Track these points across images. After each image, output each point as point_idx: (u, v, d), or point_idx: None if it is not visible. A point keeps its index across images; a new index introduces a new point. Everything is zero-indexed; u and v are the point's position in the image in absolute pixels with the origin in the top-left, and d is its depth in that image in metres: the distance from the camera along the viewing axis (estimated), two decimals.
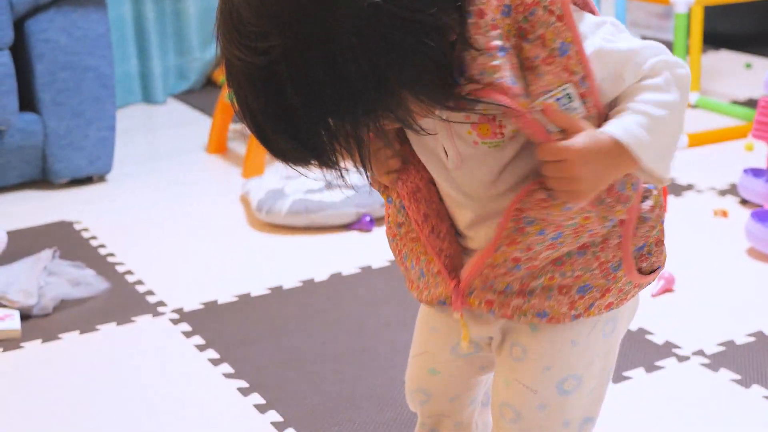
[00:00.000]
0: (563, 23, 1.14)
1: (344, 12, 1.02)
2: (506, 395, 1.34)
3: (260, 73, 1.05)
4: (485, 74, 1.12)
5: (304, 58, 1.03)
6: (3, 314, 2.31)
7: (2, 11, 2.98)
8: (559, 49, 1.14)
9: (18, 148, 3.13)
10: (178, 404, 2.01)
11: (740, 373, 2.03)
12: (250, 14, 1.04)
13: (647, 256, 1.30)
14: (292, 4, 1.03)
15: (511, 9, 1.13)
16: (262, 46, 1.04)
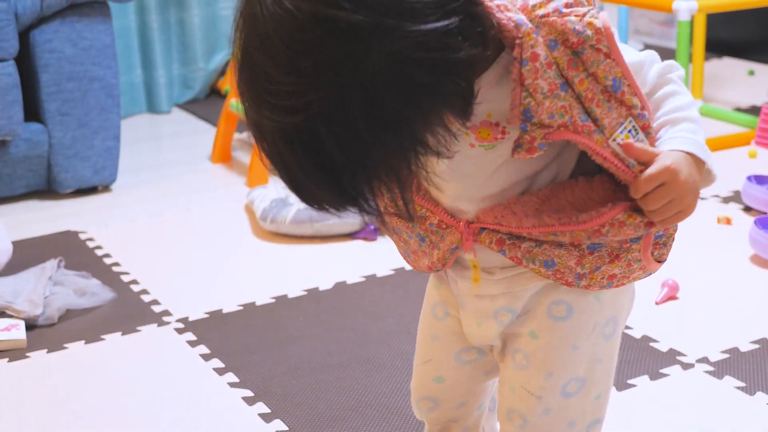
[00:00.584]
0: (612, 59, 1.15)
1: (377, 58, 1.00)
2: (512, 401, 1.36)
3: (296, 130, 1.03)
4: (555, 117, 1.14)
5: (342, 111, 1.01)
6: (9, 324, 2.31)
7: (8, 22, 2.99)
8: (612, 86, 1.15)
9: (23, 158, 3.14)
10: (183, 413, 2.02)
11: (745, 381, 2.03)
12: (279, 73, 1.02)
13: (662, 246, 1.30)
14: (323, 58, 1.00)
15: (558, 43, 1.13)
16: (297, 104, 1.02)
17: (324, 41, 1.00)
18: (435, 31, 1.01)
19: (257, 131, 1.07)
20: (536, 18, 1.13)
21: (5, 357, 2.25)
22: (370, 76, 1.00)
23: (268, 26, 1.02)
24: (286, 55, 1.01)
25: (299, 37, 1.00)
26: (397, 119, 1.03)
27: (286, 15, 1.01)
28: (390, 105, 1.02)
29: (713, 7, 3.39)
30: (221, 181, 3.38)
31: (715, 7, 3.41)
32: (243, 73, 1.06)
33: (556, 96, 1.13)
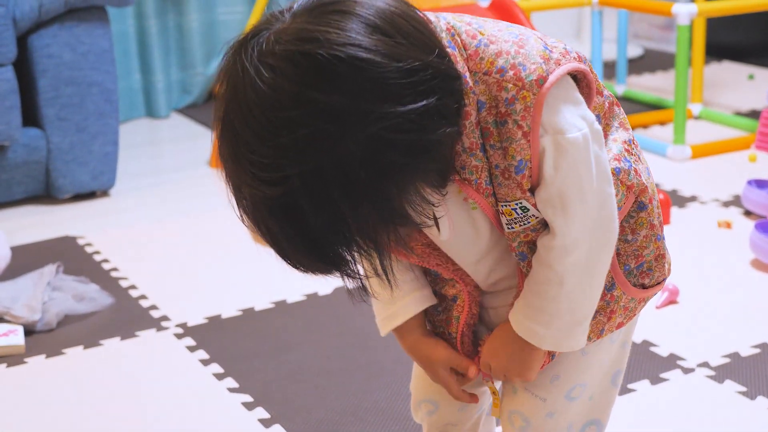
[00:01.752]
0: (527, 140, 1.15)
1: (353, 139, 1.03)
2: (515, 403, 1.36)
3: (276, 201, 1.06)
4: (466, 170, 1.16)
5: (320, 185, 1.04)
6: (7, 330, 2.31)
7: (6, 27, 2.99)
8: (516, 166, 1.16)
9: (22, 163, 3.13)
10: (182, 419, 2.01)
11: (746, 385, 2.02)
12: (260, 146, 1.05)
13: (648, 273, 1.31)
14: (303, 135, 1.03)
15: (484, 105, 1.14)
16: (276, 177, 1.04)
17: (303, 120, 1.03)
18: (411, 113, 1.04)
19: (238, 195, 1.10)
20: (480, 73, 1.14)
21: (3, 362, 2.24)
22: (347, 155, 1.03)
23: (250, 99, 1.05)
24: (267, 130, 1.04)
25: (280, 114, 1.03)
26: (374, 195, 1.06)
27: (268, 91, 1.04)
28: (367, 182, 1.05)
29: (713, 11, 3.39)
30: (220, 185, 3.36)
31: (715, 11, 3.41)
32: (225, 139, 1.09)
33: (474, 155, 1.16)
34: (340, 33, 1.04)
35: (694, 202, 3.01)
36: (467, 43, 1.15)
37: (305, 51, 1.03)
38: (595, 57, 3.90)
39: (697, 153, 3.41)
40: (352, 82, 1.03)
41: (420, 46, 1.07)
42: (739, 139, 3.49)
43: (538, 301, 1.23)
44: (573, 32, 5.22)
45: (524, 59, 1.14)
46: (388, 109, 1.03)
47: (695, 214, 2.93)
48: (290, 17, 1.08)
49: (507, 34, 1.17)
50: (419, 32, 1.09)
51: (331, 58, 1.03)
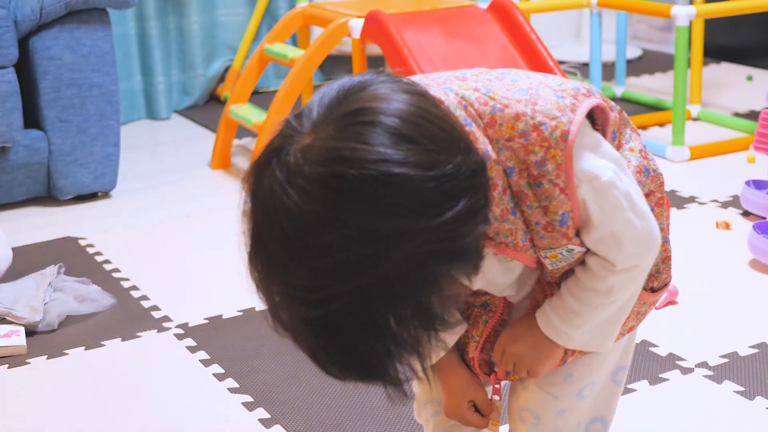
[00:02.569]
0: (565, 195, 1.16)
1: (393, 258, 1.01)
2: (526, 400, 1.37)
3: (318, 321, 1.04)
4: (500, 236, 1.18)
5: (361, 303, 1.02)
6: (8, 330, 2.31)
7: (7, 29, 3.00)
8: (560, 221, 1.18)
9: (23, 164, 3.14)
10: (183, 419, 2.01)
11: (744, 385, 2.03)
12: (298, 269, 1.03)
13: (656, 276, 1.34)
14: (342, 258, 1.01)
15: (513, 170, 1.15)
16: (316, 299, 1.03)
17: (341, 244, 1.00)
18: (447, 222, 1.02)
19: (275, 315, 1.08)
20: (502, 140, 1.15)
21: (5, 363, 2.25)
22: (388, 273, 1.01)
23: (284, 223, 1.02)
24: (304, 254, 1.02)
25: (316, 238, 1.01)
26: (414, 306, 1.05)
27: (302, 216, 1.01)
28: (408, 293, 1.04)
29: (711, 12, 3.40)
30: (221, 187, 3.38)
31: (714, 12, 3.42)
32: (259, 260, 1.08)
33: (506, 220, 1.17)
34: (368, 149, 1.00)
35: (692, 203, 3.02)
36: (482, 111, 1.16)
37: (335, 173, 1.00)
38: (594, 58, 3.91)
39: (695, 154, 3.42)
40: (386, 200, 1.00)
41: (448, 147, 1.04)
42: (738, 140, 3.50)
43: (578, 306, 1.25)
44: (572, 34, 5.22)
45: (542, 117, 1.15)
46: (424, 224, 1.01)
47: (694, 214, 2.94)
48: (310, 128, 1.04)
49: (516, 92, 1.17)
50: (442, 130, 1.06)
51: (363, 178, 0.99)
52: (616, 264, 1.22)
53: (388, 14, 3.08)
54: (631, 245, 1.21)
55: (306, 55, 3.25)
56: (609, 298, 1.24)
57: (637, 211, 1.21)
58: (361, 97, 1.05)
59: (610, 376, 1.39)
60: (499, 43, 3.08)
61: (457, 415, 1.40)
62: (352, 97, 1.06)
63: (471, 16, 3.15)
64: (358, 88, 1.07)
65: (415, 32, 3.03)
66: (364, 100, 1.05)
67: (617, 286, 1.23)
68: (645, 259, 1.24)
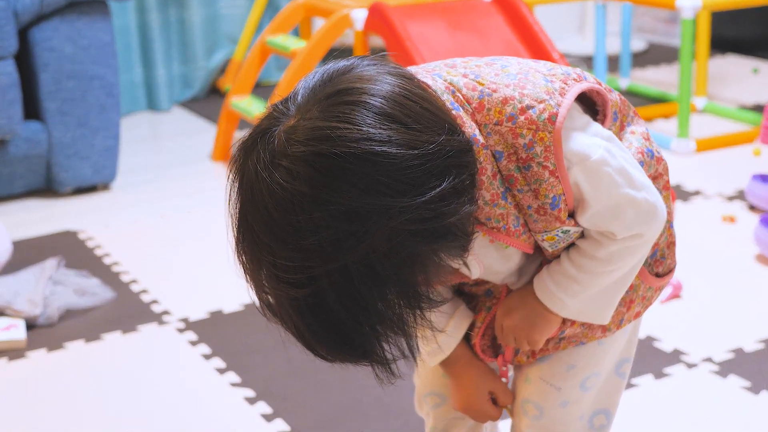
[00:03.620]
0: (556, 178, 1.16)
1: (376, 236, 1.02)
2: (529, 392, 1.36)
3: (302, 300, 1.06)
4: (491, 220, 1.18)
5: (347, 281, 1.04)
6: (8, 324, 2.30)
7: (7, 20, 2.98)
8: (551, 203, 1.17)
9: (23, 157, 3.12)
10: (184, 413, 2.00)
11: (749, 380, 2.01)
12: (284, 250, 1.04)
13: (661, 261, 1.33)
14: (326, 236, 1.02)
15: (502, 155, 1.15)
16: (303, 278, 1.04)
17: (324, 222, 1.02)
18: (430, 201, 1.03)
19: (263, 298, 1.10)
20: (490, 124, 1.15)
21: (5, 357, 2.23)
22: (371, 251, 1.03)
23: (269, 203, 1.03)
24: (289, 233, 1.03)
25: (300, 217, 1.02)
26: (400, 284, 1.06)
27: (287, 195, 1.02)
28: (392, 273, 1.05)
29: (717, 4, 3.37)
30: (222, 179, 3.36)
31: (719, 4, 3.39)
32: (245, 241, 1.08)
33: (496, 205, 1.17)
34: (351, 128, 1.02)
35: (698, 197, 3.00)
36: (469, 96, 1.16)
37: (319, 151, 1.02)
38: (599, 51, 3.89)
39: (701, 147, 3.40)
40: (369, 178, 1.01)
41: (432, 126, 1.06)
42: (744, 133, 3.48)
43: (575, 272, 1.24)
44: (576, 26, 5.20)
45: (531, 101, 1.15)
46: (407, 202, 1.02)
47: (699, 208, 2.92)
48: (295, 110, 1.06)
49: (505, 77, 1.17)
50: (428, 111, 1.07)
51: (347, 156, 1.01)
52: (616, 234, 1.21)
53: (392, 6, 3.06)
54: (631, 216, 1.20)
55: (308, 47, 3.23)
56: (608, 266, 1.23)
57: (636, 185, 1.20)
58: (346, 79, 1.07)
59: (613, 368, 1.39)
60: (502, 36, 3.06)
61: (475, 410, 1.39)
62: (337, 79, 1.07)
63: (475, 9, 3.13)
64: (343, 70, 1.09)
65: (419, 24, 3.02)
66: (349, 81, 1.06)
67: (617, 255, 1.22)
68: (649, 228, 1.22)
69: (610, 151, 1.19)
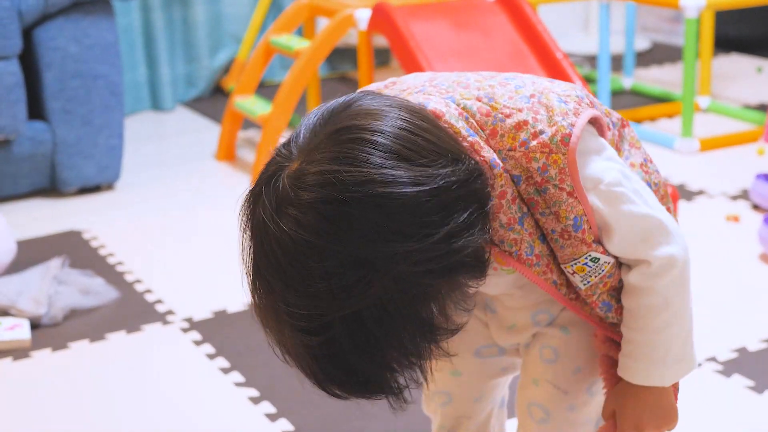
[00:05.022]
0: (575, 198, 1.15)
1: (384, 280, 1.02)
2: (535, 395, 1.36)
3: (319, 347, 1.05)
4: (504, 244, 1.17)
5: (361, 325, 1.03)
6: (13, 324, 2.30)
7: (11, 20, 2.98)
8: (573, 225, 1.16)
9: (27, 156, 3.13)
10: (188, 413, 2.00)
11: (754, 379, 2.01)
12: (295, 297, 1.04)
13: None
14: (336, 283, 1.02)
15: (521, 179, 1.15)
16: (315, 325, 1.04)
17: (333, 270, 1.02)
18: (438, 241, 1.02)
19: (280, 344, 1.10)
20: (504, 150, 1.14)
21: (9, 356, 2.24)
22: (382, 293, 1.02)
23: (278, 253, 1.03)
24: (299, 282, 1.03)
25: (308, 266, 1.02)
26: (414, 321, 1.05)
27: (293, 245, 1.02)
28: (405, 311, 1.04)
29: (721, 4, 3.37)
30: (226, 179, 3.37)
31: (723, 4, 3.39)
32: (260, 291, 1.08)
33: (512, 229, 1.16)
34: (353, 170, 1.01)
35: (701, 196, 3.00)
36: (483, 123, 1.15)
37: (324, 198, 1.01)
38: (602, 50, 3.89)
39: (705, 146, 3.39)
40: (375, 225, 1.01)
41: (436, 159, 1.05)
42: (748, 132, 3.48)
43: (644, 337, 1.23)
44: (580, 25, 5.20)
45: (543, 125, 1.14)
46: (415, 245, 1.01)
47: (703, 207, 2.92)
48: (298, 152, 1.05)
49: (519, 101, 1.16)
50: (431, 143, 1.06)
51: (351, 203, 1.01)
52: (650, 261, 1.20)
53: (396, 6, 3.06)
54: (656, 234, 1.20)
55: (312, 47, 3.23)
56: (668, 310, 1.22)
57: (652, 204, 1.20)
58: (346, 115, 1.06)
59: None
60: (506, 35, 3.06)
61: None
62: (337, 117, 1.07)
63: (479, 8, 3.13)
64: (342, 107, 1.08)
65: (423, 24, 3.02)
66: (350, 117, 1.06)
67: (669, 292, 1.21)
68: (679, 247, 1.21)
69: (624, 173, 1.19)
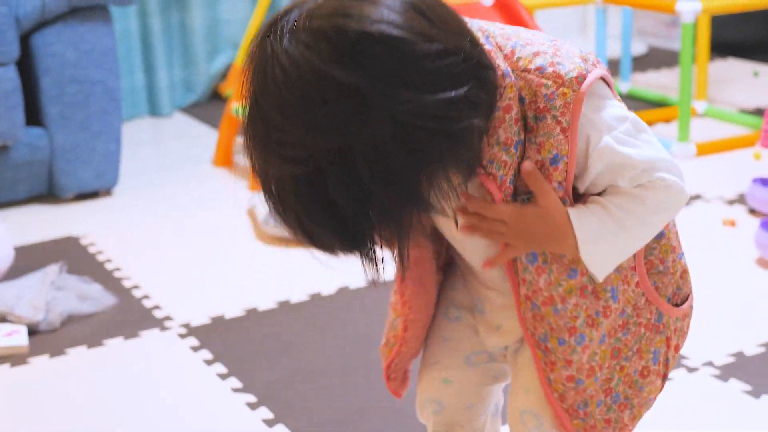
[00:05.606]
0: (565, 137, 1.15)
1: (379, 119, 1.03)
2: (527, 402, 1.35)
3: (302, 178, 1.06)
4: (494, 165, 1.16)
5: (347, 163, 1.04)
6: (10, 330, 2.30)
7: (9, 26, 2.98)
8: (551, 159, 1.16)
9: (25, 162, 3.13)
10: (186, 419, 2.00)
11: (751, 384, 2.01)
12: (287, 123, 1.04)
13: (678, 292, 1.33)
14: (330, 112, 1.03)
15: (525, 101, 1.15)
16: (304, 155, 1.04)
17: (328, 96, 1.02)
18: (440, 101, 1.03)
19: (264, 178, 1.10)
20: (518, 70, 1.15)
21: (7, 362, 2.24)
22: (374, 134, 1.03)
23: (278, 77, 1.04)
24: (294, 107, 1.04)
25: (305, 90, 1.03)
26: (400, 177, 1.06)
27: (295, 68, 1.03)
28: (393, 164, 1.04)
29: (717, 8, 3.38)
30: (223, 185, 3.37)
31: (719, 8, 3.39)
32: (252, 121, 1.08)
33: (506, 150, 1.15)
34: (374, 9, 1.03)
35: (698, 200, 3.00)
36: (502, 44, 1.16)
37: (338, 26, 1.03)
38: (599, 54, 3.89)
39: (701, 151, 3.40)
40: (382, 63, 1.02)
41: (454, 32, 1.07)
42: (744, 136, 3.48)
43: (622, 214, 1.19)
44: (577, 29, 5.20)
45: (562, 59, 1.15)
46: (416, 96, 1.03)
47: (700, 212, 2.92)
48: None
49: (541, 38, 1.18)
50: (453, 20, 1.09)
51: (364, 35, 1.02)
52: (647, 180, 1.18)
53: None
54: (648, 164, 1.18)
55: None
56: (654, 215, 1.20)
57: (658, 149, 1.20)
58: None
59: None
60: None
61: None
62: None
63: (476, 12, 3.13)
64: None
65: None
66: None
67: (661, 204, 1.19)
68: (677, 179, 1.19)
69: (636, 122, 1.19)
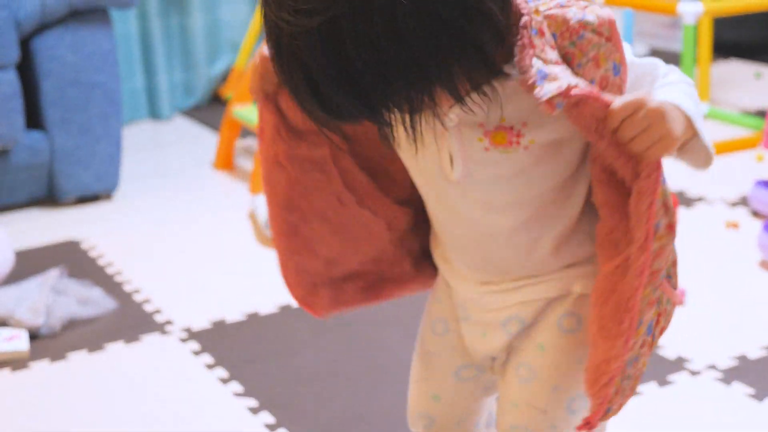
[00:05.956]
0: (612, 44, 1.13)
1: None
2: (515, 417, 1.33)
3: (318, 34, 1.03)
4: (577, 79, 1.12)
5: (369, 19, 1.02)
6: (11, 334, 2.30)
7: (9, 29, 2.98)
8: (613, 69, 1.14)
9: (25, 166, 3.12)
10: (187, 423, 2.00)
11: (754, 387, 2.01)
12: None
13: (668, 279, 1.30)
14: None
15: (556, 37, 1.12)
16: (319, 6, 1.02)
17: None
18: None
19: (275, 35, 1.07)
20: (542, 11, 1.12)
21: (7, 367, 2.23)
22: None
23: None
24: None
25: None
26: (417, 44, 1.03)
27: None
28: (411, 28, 1.02)
29: (719, 10, 3.37)
30: (224, 188, 3.36)
31: (721, 10, 3.38)
32: None
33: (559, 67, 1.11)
34: None
35: (701, 203, 2.99)
36: None
37: None
38: None
39: None
40: None
41: None
42: (747, 138, 3.47)
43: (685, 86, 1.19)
44: None
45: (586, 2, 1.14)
46: None
47: (702, 214, 2.91)
48: None
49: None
50: None
51: None
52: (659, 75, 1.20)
53: None
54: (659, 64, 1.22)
55: None
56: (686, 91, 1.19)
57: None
58: None
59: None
60: None
61: None
62: None
63: None
64: None
65: None
66: None
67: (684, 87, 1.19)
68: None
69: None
